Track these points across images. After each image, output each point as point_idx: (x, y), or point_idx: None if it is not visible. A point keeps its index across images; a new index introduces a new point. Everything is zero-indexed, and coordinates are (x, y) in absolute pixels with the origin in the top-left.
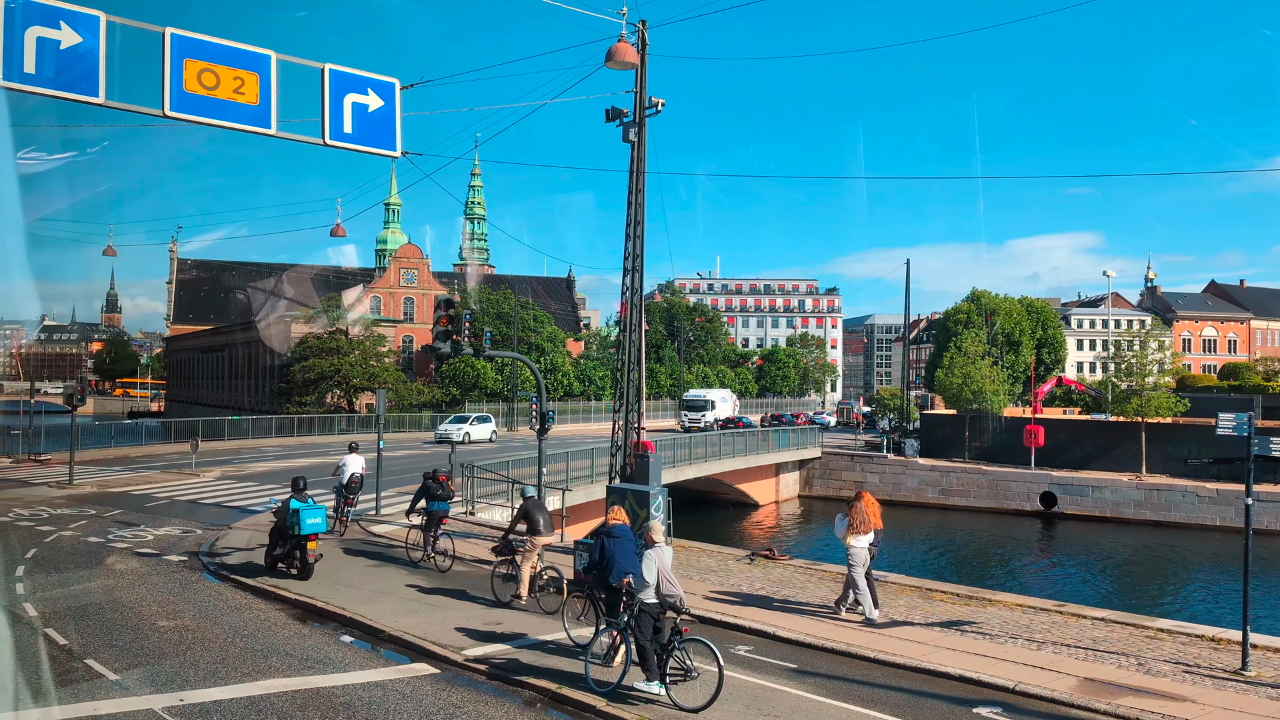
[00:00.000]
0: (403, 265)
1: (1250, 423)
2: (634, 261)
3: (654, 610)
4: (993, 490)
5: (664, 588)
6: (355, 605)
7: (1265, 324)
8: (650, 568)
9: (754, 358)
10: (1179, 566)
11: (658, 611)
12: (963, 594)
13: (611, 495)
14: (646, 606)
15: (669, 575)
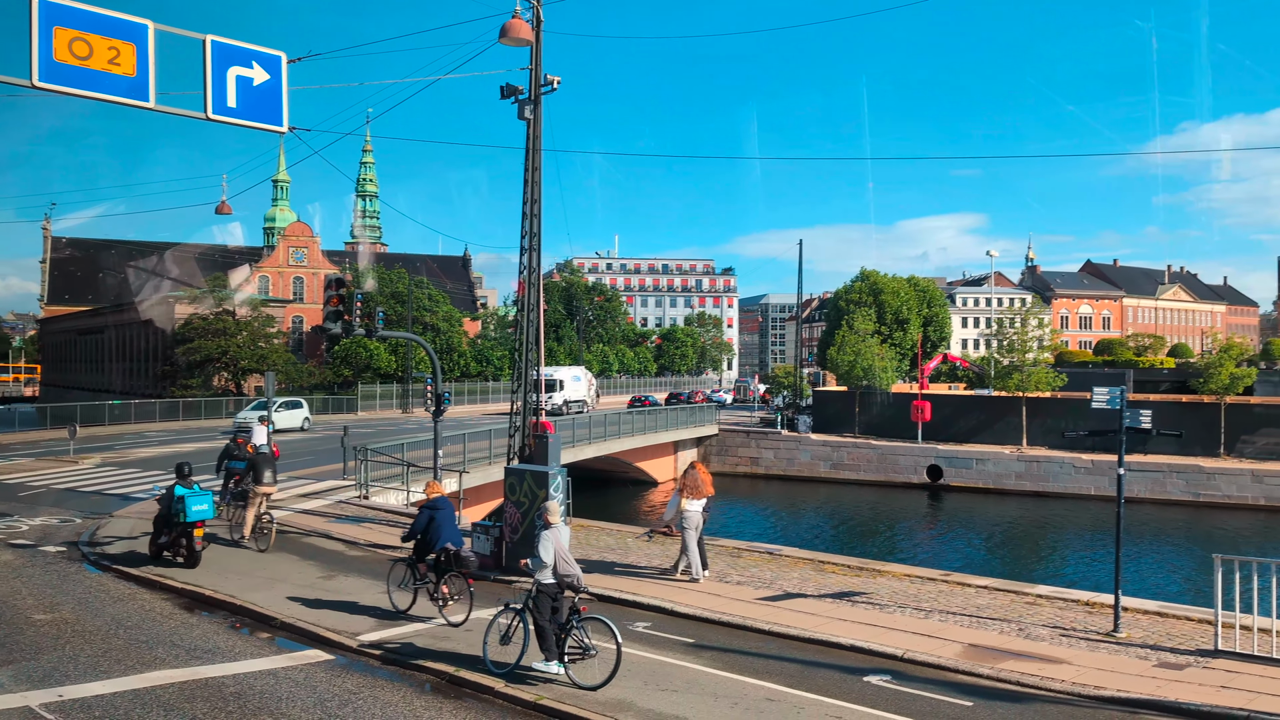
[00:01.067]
0: (292, 244)
1: (1122, 396)
2: (531, 240)
3: (552, 590)
4: (882, 464)
5: (561, 568)
6: (246, 593)
7: (1137, 301)
8: (547, 548)
9: (652, 337)
10: (1057, 534)
11: (555, 591)
12: (853, 565)
13: (510, 477)
14: (544, 587)
15: (566, 555)
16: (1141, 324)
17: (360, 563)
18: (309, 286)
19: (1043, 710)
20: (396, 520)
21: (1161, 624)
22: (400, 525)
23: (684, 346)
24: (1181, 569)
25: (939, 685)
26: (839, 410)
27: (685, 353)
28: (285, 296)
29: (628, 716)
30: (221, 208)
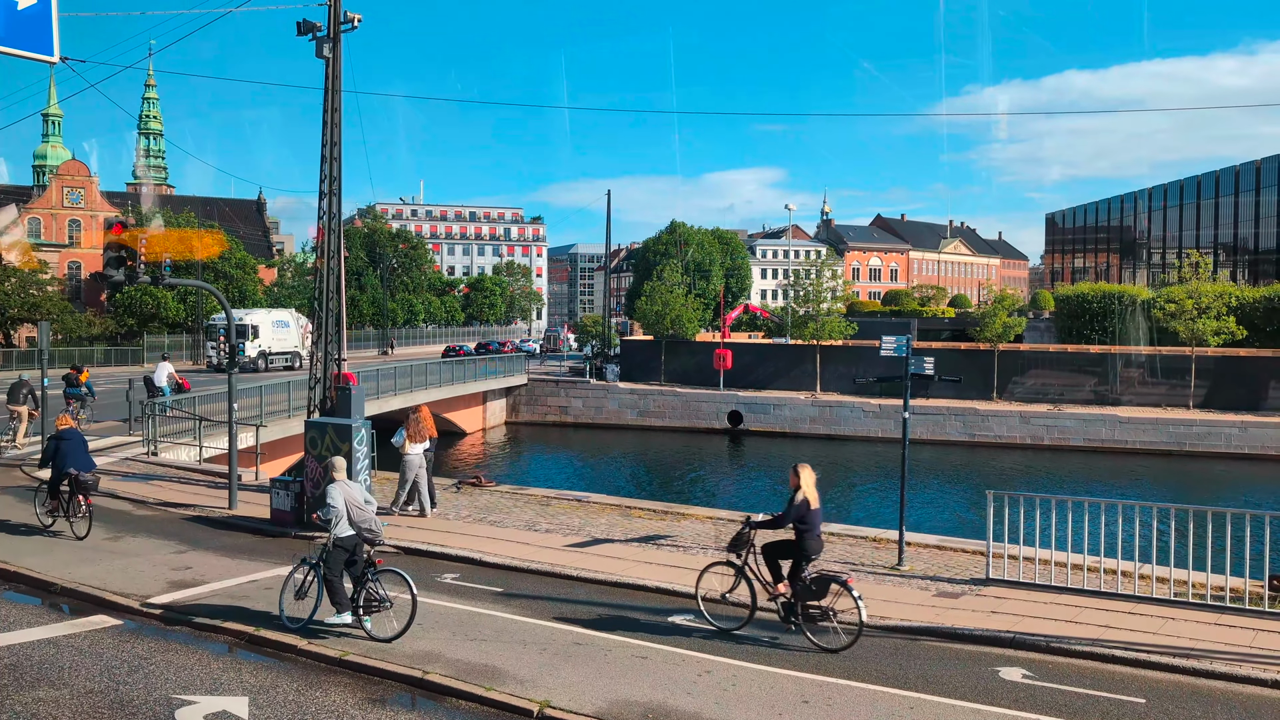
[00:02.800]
0: (66, 184)
1: (908, 345)
2: (331, 184)
3: (349, 543)
4: (686, 410)
5: (355, 515)
6: (20, 558)
7: (922, 254)
8: (337, 499)
9: (460, 286)
10: (847, 475)
11: (353, 544)
12: (659, 510)
13: (311, 430)
14: (341, 540)
15: (362, 507)
16: (926, 276)
17: (150, 522)
18: (86, 230)
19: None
20: (189, 477)
21: (941, 556)
22: (193, 482)
23: (493, 296)
24: (958, 505)
25: (739, 622)
26: (646, 359)
27: (494, 302)
28: (60, 240)
29: (436, 667)
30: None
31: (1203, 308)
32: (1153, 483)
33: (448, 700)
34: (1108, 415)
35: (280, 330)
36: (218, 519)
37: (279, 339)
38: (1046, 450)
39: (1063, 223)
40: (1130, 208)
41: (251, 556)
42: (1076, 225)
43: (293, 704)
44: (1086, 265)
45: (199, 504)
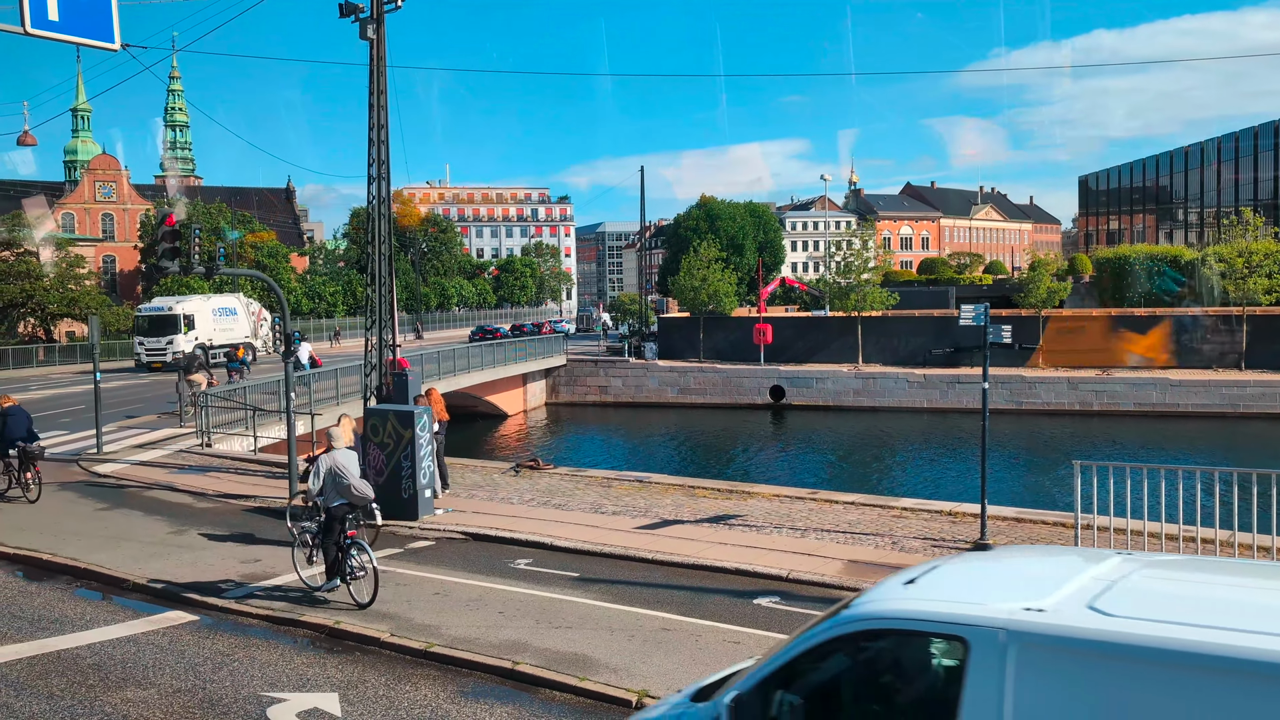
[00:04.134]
0: (98, 178)
1: (986, 313)
2: (379, 168)
3: (339, 512)
4: (727, 387)
5: (340, 483)
6: (89, 554)
7: (953, 221)
8: (317, 474)
9: (490, 268)
10: (898, 447)
11: (343, 513)
12: (723, 489)
13: (372, 418)
14: (333, 510)
15: (353, 477)
16: (957, 243)
17: (213, 515)
18: (119, 223)
19: None
20: (245, 468)
21: (1021, 529)
22: (249, 473)
23: (523, 277)
24: (1019, 475)
25: (828, 604)
26: (684, 336)
27: (525, 284)
28: (94, 235)
29: (525, 657)
30: (24, 138)
31: (1253, 266)
32: (1212, 446)
33: (541, 691)
34: (1158, 379)
35: (224, 319)
36: (279, 509)
37: (222, 329)
38: (1096, 416)
39: (1096, 185)
40: (1165, 168)
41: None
42: (1111, 187)
43: (384, 699)
44: (1121, 227)
45: (259, 495)
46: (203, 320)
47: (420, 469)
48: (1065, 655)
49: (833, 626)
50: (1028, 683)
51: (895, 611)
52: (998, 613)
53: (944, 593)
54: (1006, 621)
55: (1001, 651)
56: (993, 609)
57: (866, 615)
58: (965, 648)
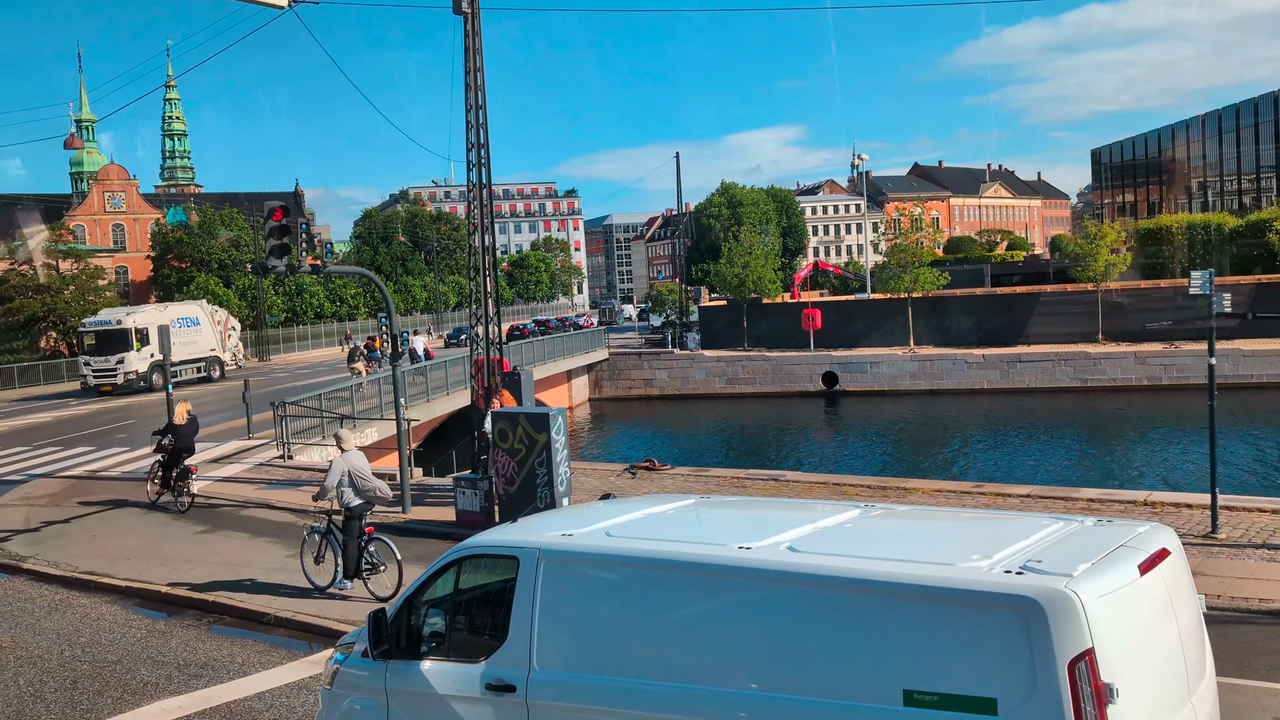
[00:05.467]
0: (107, 188)
1: (1211, 281)
2: (479, 154)
3: (358, 511)
4: (777, 375)
5: (360, 484)
6: (212, 586)
7: (962, 200)
8: (333, 476)
9: (502, 264)
10: (1004, 430)
11: (362, 512)
12: (874, 485)
13: (499, 422)
14: (352, 509)
15: (366, 475)
16: (967, 222)
17: None
18: (130, 233)
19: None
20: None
21: (1244, 519)
22: None
23: (538, 272)
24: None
25: None
26: (725, 325)
27: (539, 279)
28: (106, 245)
29: None
30: (71, 141)
31: None
32: None
33: None
34: (1230, 350)
35: (185, 331)
36: (397, 526)
37: (184, 342)
38: (1165, 390)
39: (1109, 158)
40: (1182, 137)
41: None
42: (1125, 159)
43: None
44: (1136, 199)
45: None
46: (158, 335)
47: (557, 475)
48: (578, 564)
49: (445, 556)
50: (550, 584)
51: (481, 542)
52: (540, 538)
53: (523, 527)
54: (544, 543)
55: (536, 565)
56: (541, 536)
57: (463, 545)
58: (516, 564)
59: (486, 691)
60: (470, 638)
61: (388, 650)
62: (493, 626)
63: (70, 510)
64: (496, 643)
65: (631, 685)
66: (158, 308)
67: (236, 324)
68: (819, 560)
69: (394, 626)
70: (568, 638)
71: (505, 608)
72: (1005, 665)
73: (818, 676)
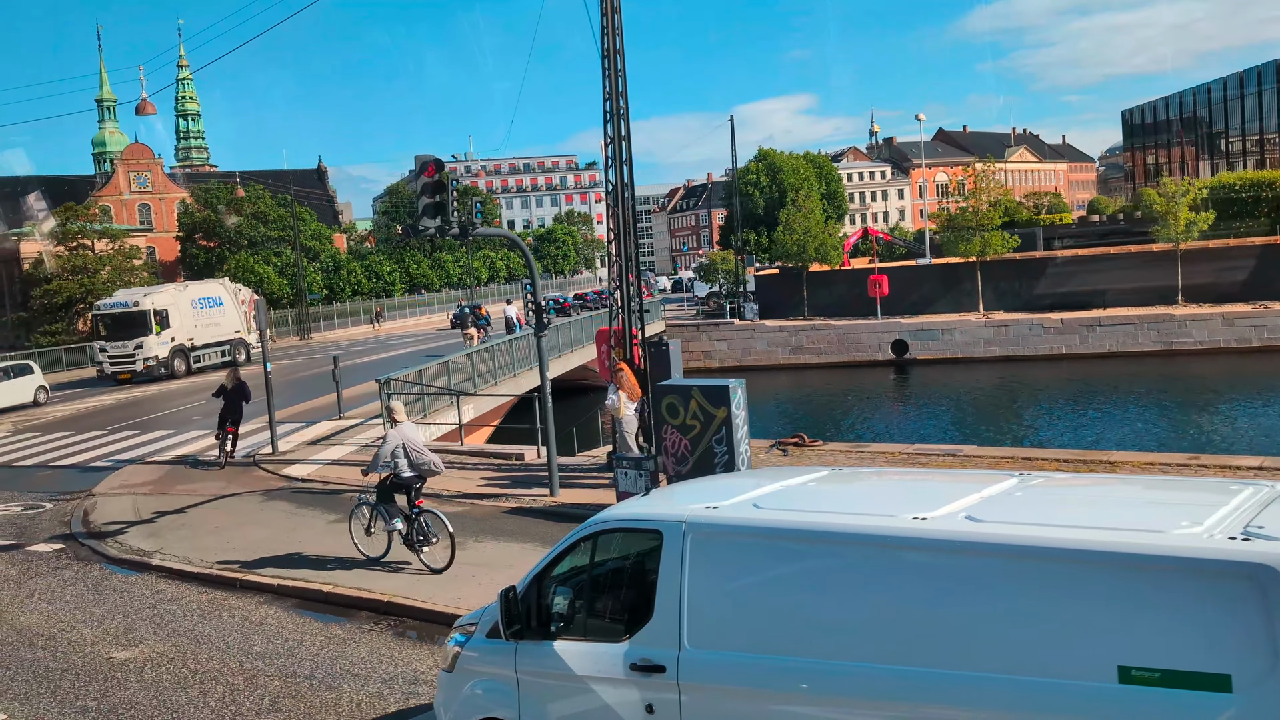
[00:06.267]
0: (132, 168)
1: None
2: (617, 124)
3: (409, 484)
4: (843, 344)
5: (414, 457)
6: (371, 581)
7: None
8: (386, 449)
9: (525, 238)
10: (1081, 394)
11: (413, 483)
12: (1073, 459)
13: (669, 396)
14: (402, 480)
15: (419, 448)
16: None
17: (472, 521)
18: (156, 213)
19: None
20: (459, 461)
21: None
22: (466, 466)
23: (565, 246)
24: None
25: None
26: (783, 294)
27: (566, 252)
28: (134, 225)
29: None
30: (143, 107)
31: None
32: None
33: None
34: None
35: (207, 313)
36: (550, 510)
37: (206, 324)
38: (1254, 353)
39: (1140, 119)
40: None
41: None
42: (1158, 119)
43: None
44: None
45: (510, 493)
46: (179, 315)
47: (738, 454)
48: (729, 538)
49: (578, 531)
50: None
51: (618, 515)
52: (684, 511)
53: (664, 498)
54: (687, 516)
55: (682, 539)
56: (683, 508)
57: (598, 519)
58: (660, 538)
59: (632, 672)
60: (610, 616)
61: (519, 630)
62: (635, 604)
63: (179, 498)
64: (640, 621)
65: (795, 664)
66: (177, 287)
67: (257, 299)
68: (1012, 530)
69: (523, 604)
70: (721, 615)
71: (649, 584)
72: (1239, 639)
73: (1013, 653)
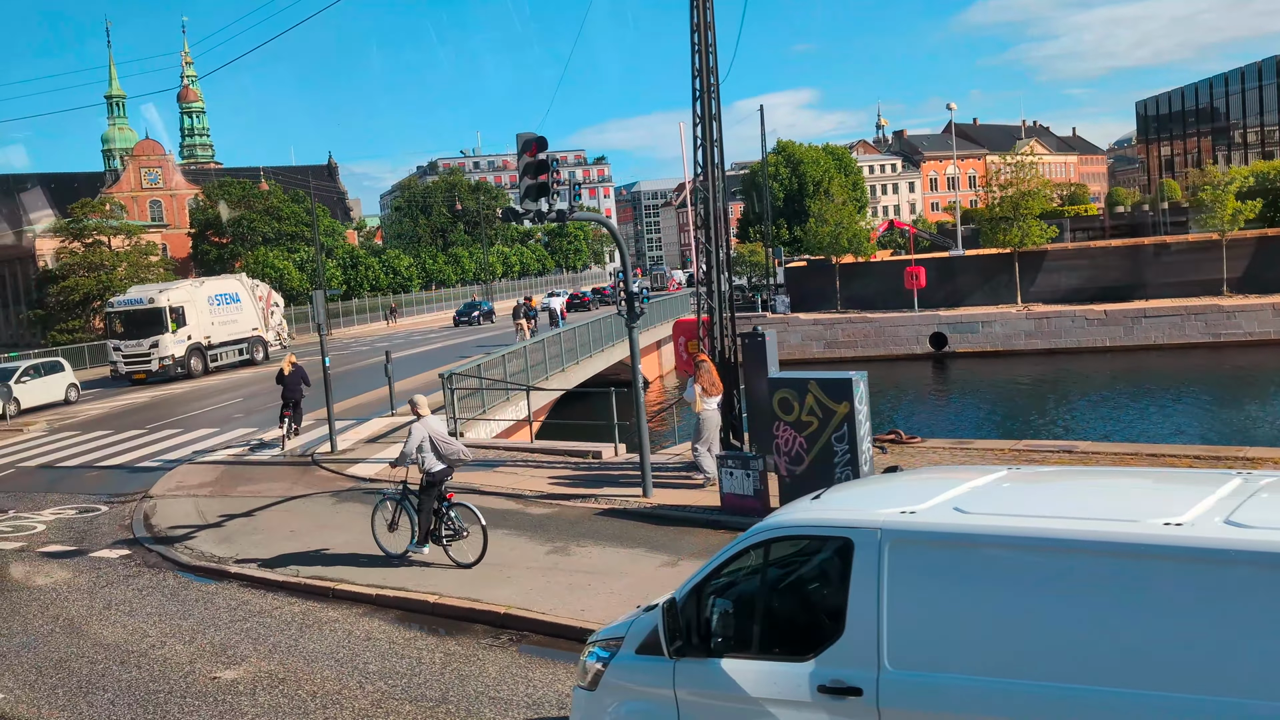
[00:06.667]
0: (143, 164)
1: None
2: (706, 99)
3: (439, 477)
4: (880, 337)
5: (442, 449)
6: (481, 590)
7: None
8: (413, 442)
9: (536, 234)
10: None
11: (442, 478)
12: (1205, 454)
13: (782, 390)
14: (433, 474)
15: (445, 439)
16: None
17: (562, 523)
18: (168, 209)
19: None
20: (534, 459)
21: None
22: (540, 465)
23: (577, 241)
24: None
25: None
26: (814, 286)
27: (579, 247)
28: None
29: None
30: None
31: None
32: None
33: None
34: None
35: (223, 309)
36: (646, 512)
37: (223, 321)
38: None
39: (1155, 110)
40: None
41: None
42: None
43: None
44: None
45: (597, 493)
46: (196, 312)
47: (861, 452)
48: (935, 546)
49: (746, 537)
50: (900, 569)
51: (795, 521)
52: (877, 517)
53: (840, 504)
54: (883, 523)
55: (879, 548)
56: (874, 514)
57: (771, 525)
58: (851, 547)
59: (820, 694)
60: (788, 631)
61: (682, 647)
62: (819, 618)
63: (244, 500)
64: (827, 638)
65: (1024, 688)
66: (193, 283)
67: (280, 299)
68: None
69: (683, 618)
70: (930, 632)
71: (836, 596)
72: None
73: None
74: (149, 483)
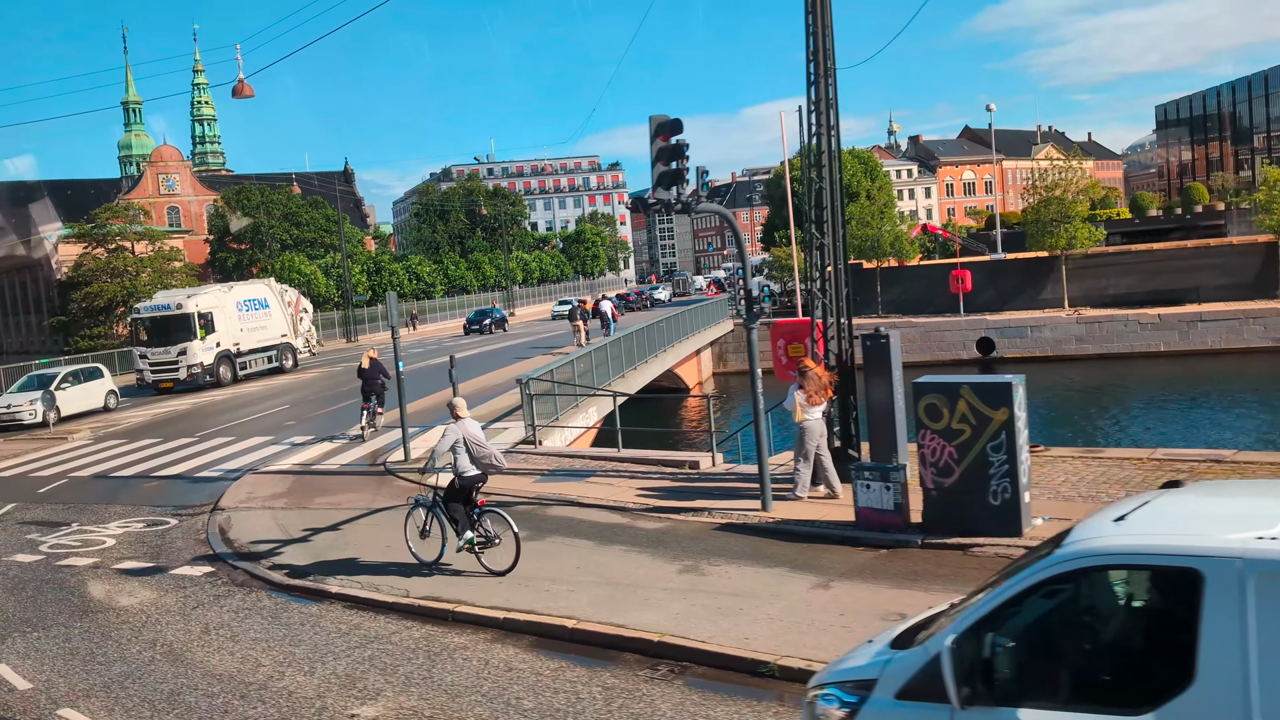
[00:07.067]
0: (160, 170)
1: None
2: (820, 63)
3: (471, 482)
4: (925, 342)
5: (475, 452)
6: (619, 614)
7: (1015, 163)
8: (446, 443)
9: (552, 240)
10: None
11: (475, 483)
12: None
13: (929, 396)
14: (466, 479)
15: (481, 442)
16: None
17: (687, 540)
18: (185, 215)
19: None
20: (626, 469)
21: None
22: (633, 475)
23: (594, 247)
24: None
25: None
26: (852, 290)
27: (596, 253)
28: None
29: None
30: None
31: None
32: None
33: None
34: None
35: (253, 315)
36: (770, 528)
37: (252, 328)
38: None
39: (1175, 114)
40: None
41: (915, 583)
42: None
43: None
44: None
45: (710, 506)
46: (224, 318)
47: (1019, 463)
48: None
49: (1050, 565)
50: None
51: (1117, 547)
52: (1230, 543)
53: (1164, 527)
54: (1242, 550)
55: (1240, 581)
56: (1224, 539)
57: (1086, 552)
58: (1200, 579)
59: None
60: (1112, 679)
61: (972, 694)
62: (1154, 664)
63: (325, 513)
64: (1169, 688)
65: None
66: (222, 288)
67: (309, 305)
68: None
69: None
70: None
71: (1178, 638)
72: None
73: None
74: (215, 494)
